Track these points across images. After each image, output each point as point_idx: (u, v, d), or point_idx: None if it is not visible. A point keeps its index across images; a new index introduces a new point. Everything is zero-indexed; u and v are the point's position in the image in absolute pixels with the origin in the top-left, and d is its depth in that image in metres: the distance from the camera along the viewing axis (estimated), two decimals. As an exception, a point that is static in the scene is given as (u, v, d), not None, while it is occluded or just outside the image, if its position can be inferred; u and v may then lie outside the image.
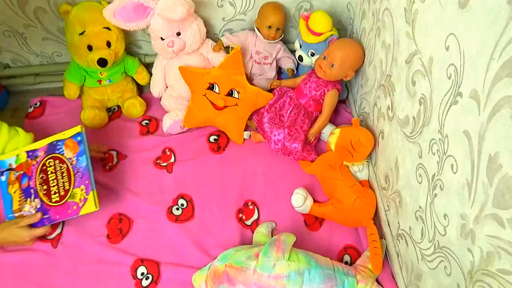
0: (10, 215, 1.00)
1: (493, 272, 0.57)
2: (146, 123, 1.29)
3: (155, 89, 1.32)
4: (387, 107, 0.98)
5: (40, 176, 1.00)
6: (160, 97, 1.32)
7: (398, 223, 0.94)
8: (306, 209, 1.05)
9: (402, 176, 0.90)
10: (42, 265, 0.95)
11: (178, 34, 1.18)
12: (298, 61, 1.33)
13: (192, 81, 1.22)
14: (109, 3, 1.11)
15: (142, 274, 0.96)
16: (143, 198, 1.10)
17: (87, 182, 0.96)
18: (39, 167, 1.00)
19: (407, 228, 0.88)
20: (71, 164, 0.98)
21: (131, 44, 1.32)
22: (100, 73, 1.23)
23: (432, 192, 0.74)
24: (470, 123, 0.60)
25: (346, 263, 1.00)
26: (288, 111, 1.22)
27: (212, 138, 1.26)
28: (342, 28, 1.36)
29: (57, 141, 1.00)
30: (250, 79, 1.30)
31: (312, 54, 1.26)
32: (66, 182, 0.97)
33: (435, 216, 0.74)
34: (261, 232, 1.01)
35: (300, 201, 1.04)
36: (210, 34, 1.31)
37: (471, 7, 0.58)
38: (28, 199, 0.99)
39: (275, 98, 1.23)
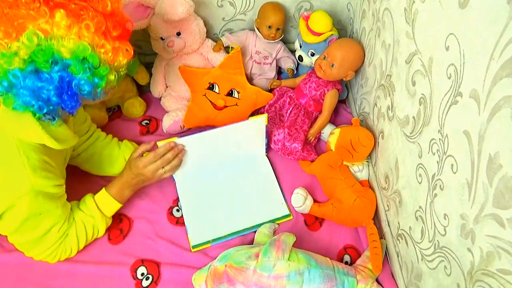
0: None
1: (493, 272, 0.57)
2: (146, 123, 1.29)
3: (155, 89, 1.32)
4: (387, 107, 0.98)
5: None
6: (160, 97, 1.32)
7: (398, 223, 0.94)
8: (306, 209, 1.05)
9: (402, 176, 0.90)
10: (42, 265, 0.95)
11: (178, 34, 1.18)
12: (298, 61, 1.33)
13: (192, 81, 1.22)
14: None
15: (142, 274, 0.96)
16: (143, 199, 1.10)
17: None
18: None
19: (407, 228, 0.88)
20: None
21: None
22: (100, 73, 1.22)
23: (432, 192, 0.74)
24: (470, 123, 0.60)
25: (346, 263, 1.00)
26: (288, 111, 1.22)
27: (212, 138, 1.26)
28: (342, 28, 1.36)
29: None
30: (250, 79, 1.30)
31: (312, 54, 1.26)
32: None
33: (435, 216, 0.74)
34: (263, 233, 1.01)
35: (300, 201, 1.04)
36: (210, 34, 1.31)
37: (471, 7, 0.58)
38: None
39: (275, 98, 1.23)
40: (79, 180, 1.12)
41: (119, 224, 1.04)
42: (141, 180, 0.97)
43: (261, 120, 1.06)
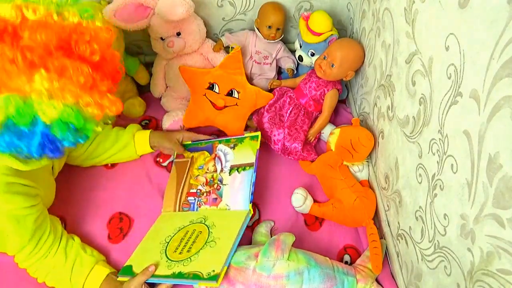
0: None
1: (493, 272, 0.57)
2: (146, 123, 1.29)
3: (155, 89, 1.32)
4: (387, 107, 0.98)
5: None
6: (160, 97, 1.32)
7: (398, 223, 0.94)
8: (306, 209, 1.05)
9: (402, 176, 0.90)
10: (42, 265, 0.95)
11: (178, 34, 1.18)
12: (298, 61, 1.33)
13: (192, 81, 1.22)
14: (109, 3, 1.11)
15: (142, 274, 0.96)
16: (143, 198, 1.10)
17: None
18: None
19: (407, 228, 0.88)
20: None
21: (131, 44, 1.32)
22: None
23: (432, 192, 0.74)
24: (470, 123, 0.60)
25: (346, 263, 1.00)
26: (288, 111, 1.22)
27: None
28: (342, 28, 1.36)
29: None
30: (250, 79, 1.30)
31: (312, 54, 1.26)
32: None
33: (435, 216, 0.74)
34: (260, 232, 1.01)
35: (300, 201, 1.04)
36: (210, 34, 1.31)
37: (471, 7, 0.58)
38: None
39: (275, 98, 1.23)
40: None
41: (119, 224, 1.04)
42: None
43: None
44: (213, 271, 0.81)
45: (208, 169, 1.10)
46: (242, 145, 1.11)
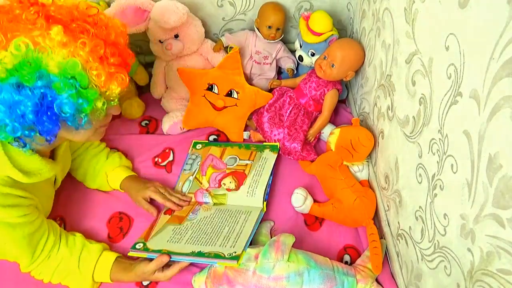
0: None
1: (493, 272, 0.57)
2: (145, 124, 1.29)
3: (155, 90, 1.32)
4: (387, 107, 0.98)
5: None
6: (160, 98, 1.32)
7: (398, 223, 0.94)
8: (306, 209, 1.05)
9: (402, 176, 0.90)
10: (42, 265, 0.95)
11: (176, 36, 1.18)
12: (298, 61, 1.33)
13: (191, 82, 1.22)
14: (108, 5, 1.11)
15: (142, 274, 0.96)
16: (143, 198, 1.10)
17: None
18: None
19: (407, 228, 0.88)
20: None
21: (130, 45, 1.31)
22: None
23: (432, 192, 0.74)
24: (470, 123, 0.60)
25: (346, 263, 1.00)
26: (288, 111, 1.22)
27: (211, 138, 1.26)
28: (342, 28, 1.36)
29: None
30: (250, 79, 1.30)
31: (312, 54, 1.26)
32: None
33: (435, 216, 0.74)
34: (260, 232, 1.01)
35: (300, 201, 1.04)
36: (210, 34, 1.32)
37: (471, 7, 0.58)
38: None
39: (275, 98, 1.23)
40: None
41: (119, 223, 1.05)
42: (143, 278, 0.90)
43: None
44: (235, 252, 0.85)
45: (224, 184, 1.10)
46: (261, 153, 1.17)
